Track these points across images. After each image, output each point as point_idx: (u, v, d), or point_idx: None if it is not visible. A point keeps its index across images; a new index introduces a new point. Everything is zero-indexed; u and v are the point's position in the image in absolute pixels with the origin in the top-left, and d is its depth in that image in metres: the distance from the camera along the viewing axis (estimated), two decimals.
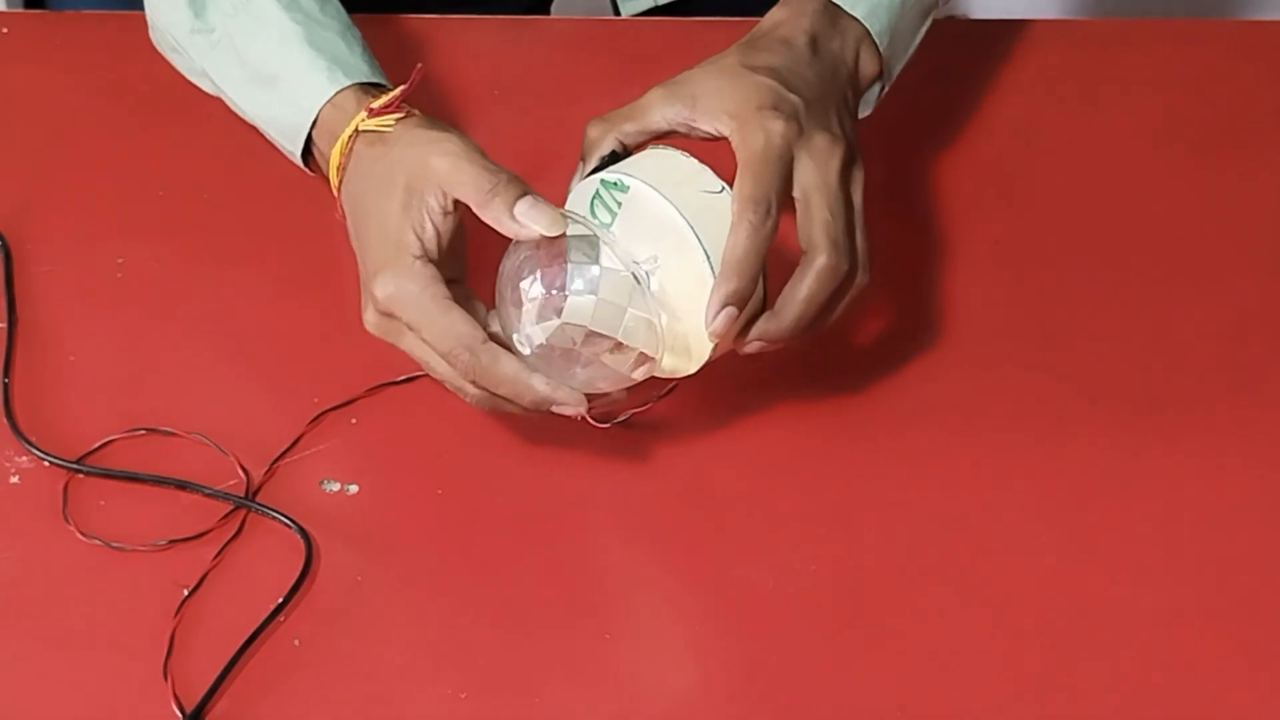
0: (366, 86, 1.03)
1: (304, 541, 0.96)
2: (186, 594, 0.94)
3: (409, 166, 0.97)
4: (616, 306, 0.92)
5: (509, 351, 0.94)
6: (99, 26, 1.31)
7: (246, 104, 1.08)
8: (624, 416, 1.00)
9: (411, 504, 0.99)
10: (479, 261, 0.99)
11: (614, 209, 0.94)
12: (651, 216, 0.93)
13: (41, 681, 0.90)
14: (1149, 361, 1.07)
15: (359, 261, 0.99)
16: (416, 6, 1.25)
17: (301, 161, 1.06)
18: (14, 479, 1.00)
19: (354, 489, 0.99)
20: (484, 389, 0.94)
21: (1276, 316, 1.09)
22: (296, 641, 0.92)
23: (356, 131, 1.01)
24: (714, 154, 0.97)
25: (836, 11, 1.05)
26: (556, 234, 0.93)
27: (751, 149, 0.96)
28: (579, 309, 0.92)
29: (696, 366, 0.95)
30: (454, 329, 0.94)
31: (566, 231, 0.93)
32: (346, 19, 1.07)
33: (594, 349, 0.93)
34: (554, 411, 0.93)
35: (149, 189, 1.17)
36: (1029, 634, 0.92)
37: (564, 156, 1.02)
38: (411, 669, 0.91)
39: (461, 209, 0.96)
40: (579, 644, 0.92)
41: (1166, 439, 1.02)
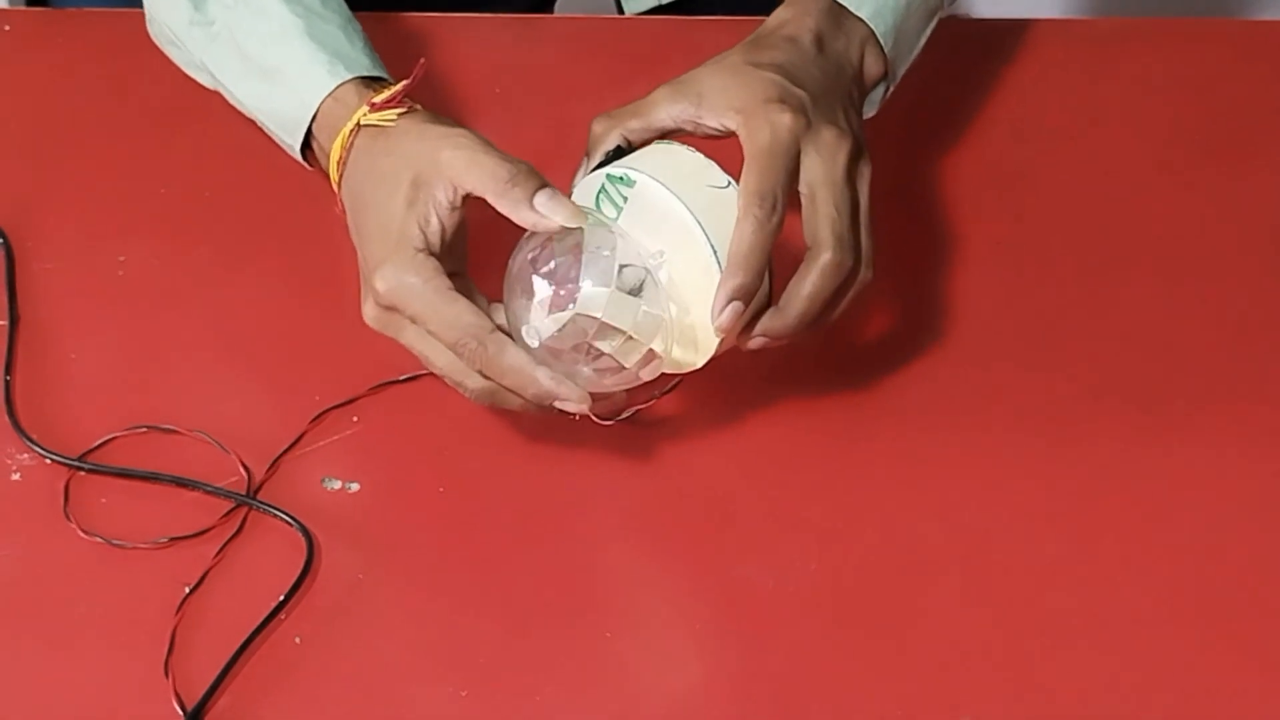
0: (368, 80, 1.03)
1: (305, 540, 0.96)
2: (188, 592, 0.94)
3: (416, 160, 0.97)
4: (630, 300, 0.92)
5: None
6: (101, 24, 1.31)
7: (246, 97, 1.08)
8: (628, 413, 1.00)
9: (413, 502, 0.99)
10: (477, 258, 0.99)
11: (619, 204, 0.94)
12: (658, 211, 0.94)
13: (42, 680, 0.91)
14: (1149, 361, 1.07)
15: (359, 256, 0.99)
16: (419, 4, 1.26)
17: (300, 156, 1.06)
18: (15, 476, 1.00)
19: (355, 487, 0.99)
20: (488, 379, 0.94)
21: (1277, 316, 1.10)
22: (298, 639, 0.92)
23: (358, 125, 1.00)
24: (720, 151, 0.97)
25: (841, 11, 1.05)
26: (576, 225, 0.93)
27: (758, 143, 0.96)
28: (592, 301, 0.92)
29: (703, 361, 0.95)
30: (460, 319, 0.93)
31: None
32: (348, 13, 1.07)
33: (603, 342, 0.93)
34: (556, 407, 0.93)
35: (150, 187, 1.18)
36: (1029, 634, 0.92)
37: (567, 154, 1.02)
38: (412, 667, 0.91)
39: (469, 204, 0.96)
40: (579, 643, 0.92)
41: (1167, 439, 1.02)
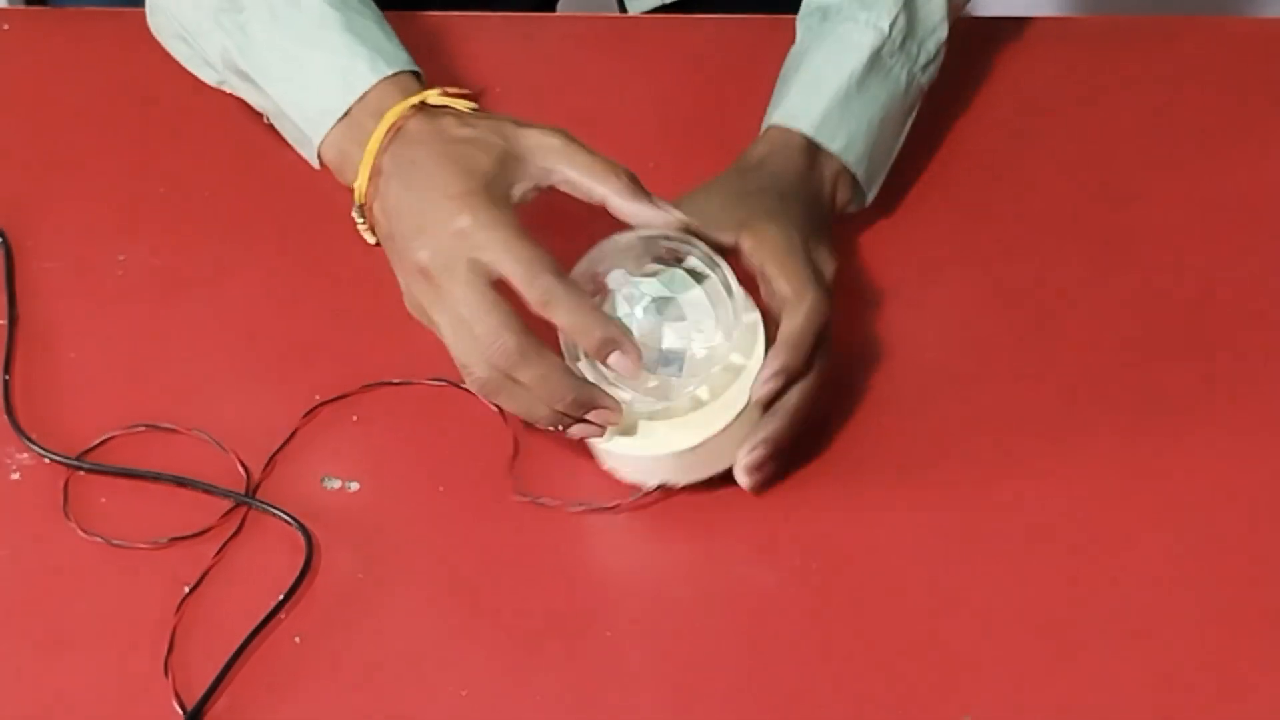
0: (407, 75, 1.03)
1: (305, 539, 0.96)
2: (187, 591, 0.94)
3: (510, 135, 0.97)
4: (717, 316, 0.95)
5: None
6: (100, 23, 1.31)
7: (272, 86, 1.06)
8: (610, 504, 0.99)
9: (412, 502, 0.99)
10: None
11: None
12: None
13: (41, 680, 0.90)
14: (1149, 360, 1.07)
15: (404, 214, 0.97)
16: (423, 3, 1.25)
17: (314, 151, 1.04)
18: (14, 476, 1.00)
19: (355, 487, 0.99)
20: (548, 317, 0.93)
21: (1276, 314, 1.10)
22: (297, 639, 0.92)
23: (419, 106, 1.00)
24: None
25: (815, 148, 1.09)
26: (696, 227, 0.96)
27: (775, 244, 0.99)
28: (693, 302, 0.95)
29: (699, 439, 0.96)
30: (540, 255, 0.93)
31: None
32: (378, 9, 1.07)
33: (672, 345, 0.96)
34: (589, 403, 0.94)
35: (150, 186, 1.18)
36: (1029, 634, 0.92)
37: None
38: (412, 666, 0.91)
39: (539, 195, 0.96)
40: (579, 644, 0.92)
41: (1167, 438, 1.02)
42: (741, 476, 0.96)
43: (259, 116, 1.18)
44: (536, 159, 0.97)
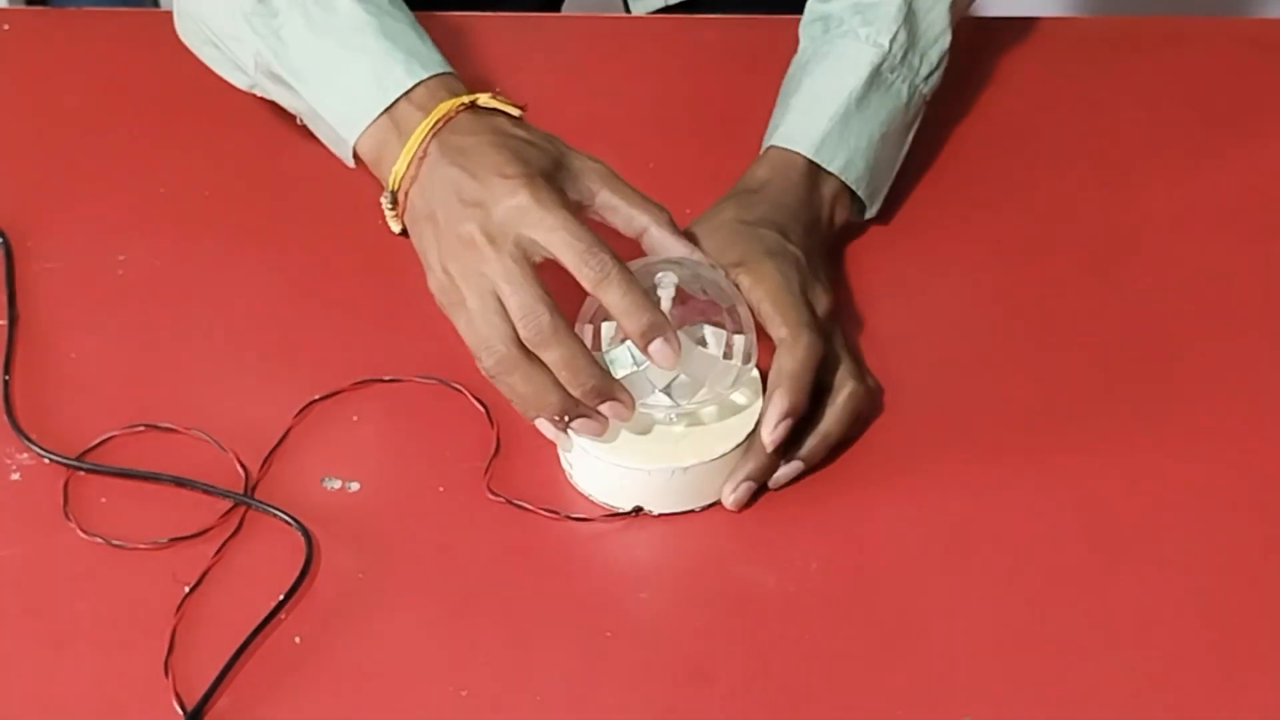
0: (443, 78, 1.03)
1: (305, 539, 0.96)
2: (187, 591, 0.94)
3: (561, 149, 0.99)
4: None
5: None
6: (100, 24, 1.31)
7: (307, 89, 1.05)
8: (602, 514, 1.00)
9: (412, 502, 0.99)
10: None
11: None
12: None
13: (42, 680, 0.90)
14: (1149, 360, 1.07)
15: (452, 190, 0.97)
16: (428, 4, 1.25)
17: (350, 147, 1.04)
18: (14, 476, 1.00)
19: (355, 487, 0.99)
20: (600, 294, 0.94)
21: (1276, 314, 1.10)
22: (297, 639, 0.92)
23: (474, 104, 1.01)
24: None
25: (816, 169, 1.10)
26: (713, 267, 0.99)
27: (772, 284, 1.00)
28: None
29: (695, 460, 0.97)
30: (596, 236, 0.94)
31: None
32: (411, 14, 1.07)
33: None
34: (607, 393, 0.95)
35: (150, 186, 1.18)
36: (1029, 634, 0.92)
37: None
38: (412, 666, 0.91)
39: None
40: (579, 643, 0.92)
41: (1168, 437, 1.02)
42: (727, 500, 0.98)
43: (257, 116, 1.18)
44: (583, 178, 0.98)
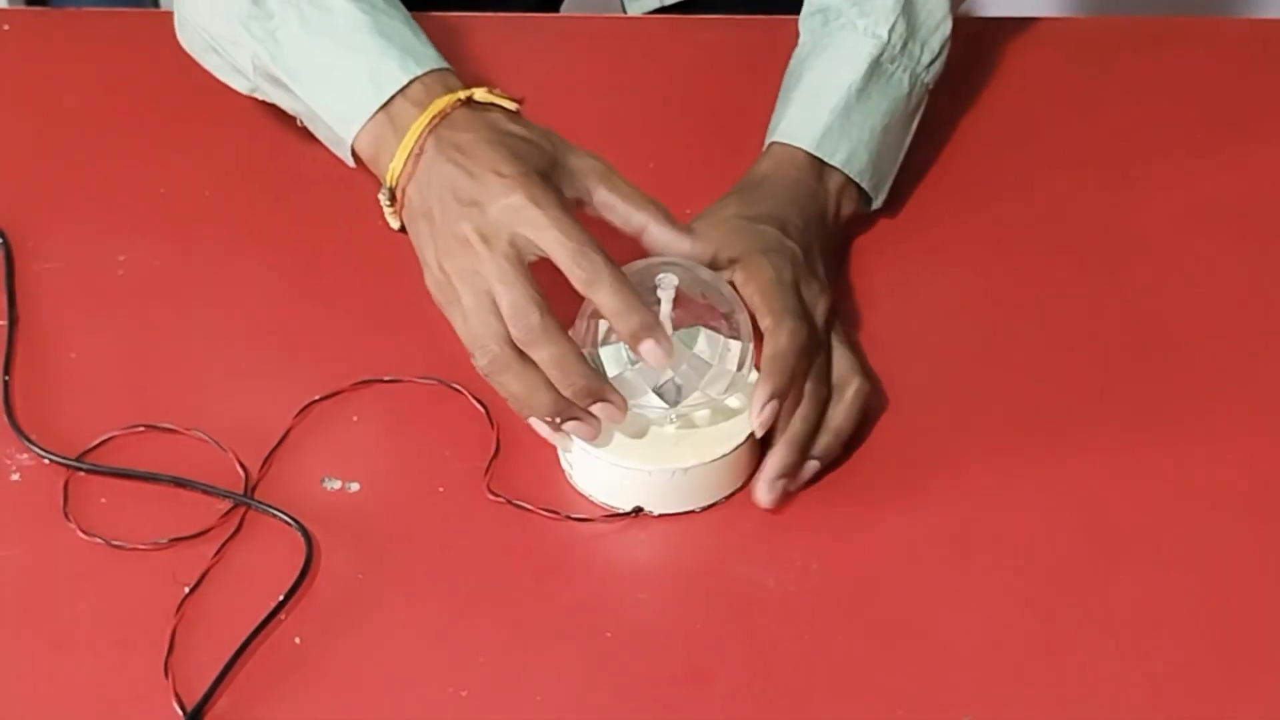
0: (439, 73, 1.03)
1: (305, 539, 0.96)
2: (187, 592, 0.94)
3: (559, 146, 0.99)
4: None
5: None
6: (100, 24, 1.31)
7: (304, 90, 1.06)
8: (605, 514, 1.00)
9: (412, 502, 0.99)
10: None
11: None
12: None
13: (41, 680, 0.90)
14: (1149, 360, 1.07)
15: (449, 189, 0.97)
16: (425, 4, 1.25)
17: (348, 146, 1.04)
18: (14, 476, 1.00)
19: (355, 487, 0.99)
20: (591, 295, 0.94)
21: (1275, 313, 1.10)
22: (297, 639, 0.92)
23: (470, 99, 1.01)
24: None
25: (819, 163, 1.10)
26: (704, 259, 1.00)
27: (764, 278, 1.00)
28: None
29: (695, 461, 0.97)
30: (589, 236, 0.95)
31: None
32: (406, 11, 1.07)
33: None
34: (598, 393, 0.95)
35: (150, 187, 1.18)
36: (1029, 634, 0.92)
37: None
38: (412, 667, 0.91)
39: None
40: (579, 643, 0.92)
41: (1168, 437, 1.02)
42: (763, 500, 0.97)
43: (257, 117, 1.18)
44: (581, 176, 0.98)
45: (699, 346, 0.98)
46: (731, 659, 0.91)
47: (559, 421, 0.96)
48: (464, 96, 1.01)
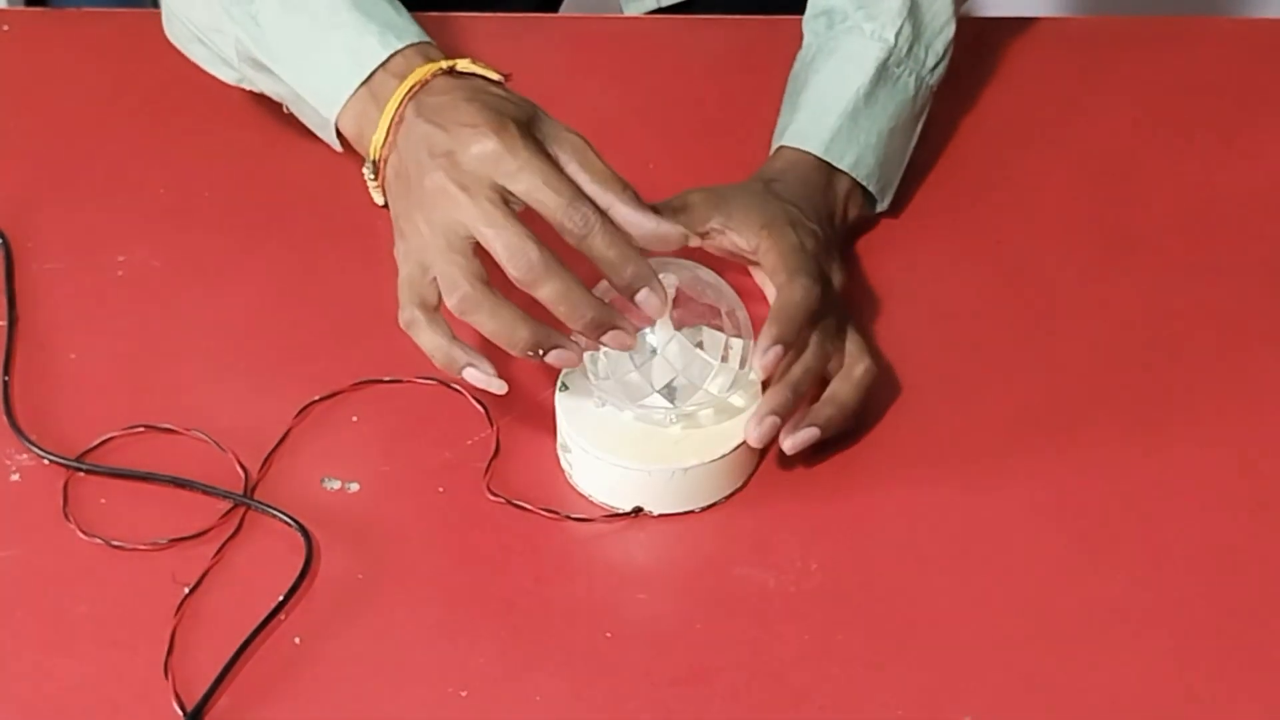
0: (420, 47, 1.02)
1: (304, 540, 0.96)
2: (187, 592, 0.94)
3: (539, 115, 0.97)
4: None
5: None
6: (100, 24, 1.31)
7: (287, 72, 1.05)
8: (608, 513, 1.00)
9: (412, 502, 0.99)
10: None
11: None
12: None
13: (41, 680, 0.90)
14: (1149, 359, 1.07)
15: (423, 144, 0.96)
16: (424, 4, 1.25)
17: (331, 127, 1.03)
18: (14, 477, 1.00)
19: (355, 487, 0.99)
20: (586, 249, 0.93)
21: (1275, 313, 1.10)
22: (297, 640, 0.92)
23: (449, 70, 0.99)
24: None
25: (827, 168, 1.10)
26: (694, 242, 1.00)
27: (787, 244, 1.01)
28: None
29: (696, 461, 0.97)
30: (573, 186, 0.94)
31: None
32: None
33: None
34: (607, 323, 0.94)
35: (150, 187, 1.18)
36: (1029, 634, 0.92)
37: None
38: (412, 666, 0.91)
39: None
40: (579, 643, 0.92)
41: (1167, 437, 1.02)
42: (752, 436, 0.97)
43: (256, 117, 1.18)
44: (555, 146, 0.96)
45: (702, 345, 0.98)
46: (731, 659, 0.91)
47: (542, 353, 0.94)
48: (445, 66, 1.00)
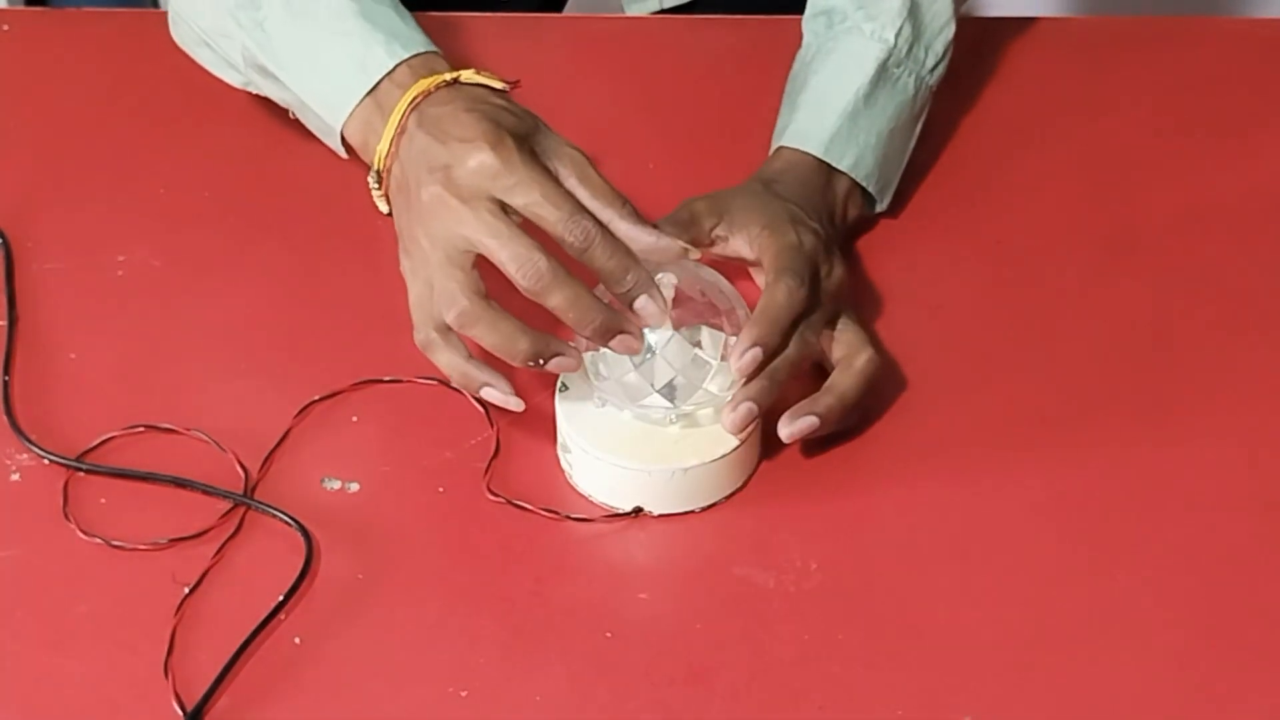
0: (426, 57, 1.02)
1: (304, 540, 0.96)
2: (187, 592, 0.94)
3: (540, 128, 0.97)
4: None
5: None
6: (100, 24, 1.31)
7: (293, 80, 1.05)
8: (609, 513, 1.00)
9: (412, 502, 0.99)
10: None
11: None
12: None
13: (41, 680, 0.90)
14: (1150, 359, 1.07)
15: (423, 157, 0.96)
16: (427, 4, 1.25)
17: (339, 136, 1.04)
18: (14, 477, 1.00)
19: (355, 487, 0.99)
20: (587, 260, 0.94)
21: (1275, 313, 1.10)
22: (297, 640, 0.92)
23: (452, 81, 1.00)
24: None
25: (827, 168, 1.10)
26: (694, 255, 0.99)
27: (784, 242, 1.01)
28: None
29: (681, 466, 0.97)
30: (577, 201, 0.94)
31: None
32: None
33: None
34: (616, 328, 0.94)
35: (150, 187, 1.18)
36: (1029, 634, 0.92)
37: None
38: (412, 667, 0.91)
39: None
40: (579, 643, 0.92)
41: (1168, 439, 1.02)
42: (725, 422, 0.97)
43: (257, 117, 1.19)
44: (554, 160, 0.97)
45: (701, 345, 0.98)
46: (731, 659, 0.91)
47: (543, 363, 0.94)
48: (450, 78, 1.00)
